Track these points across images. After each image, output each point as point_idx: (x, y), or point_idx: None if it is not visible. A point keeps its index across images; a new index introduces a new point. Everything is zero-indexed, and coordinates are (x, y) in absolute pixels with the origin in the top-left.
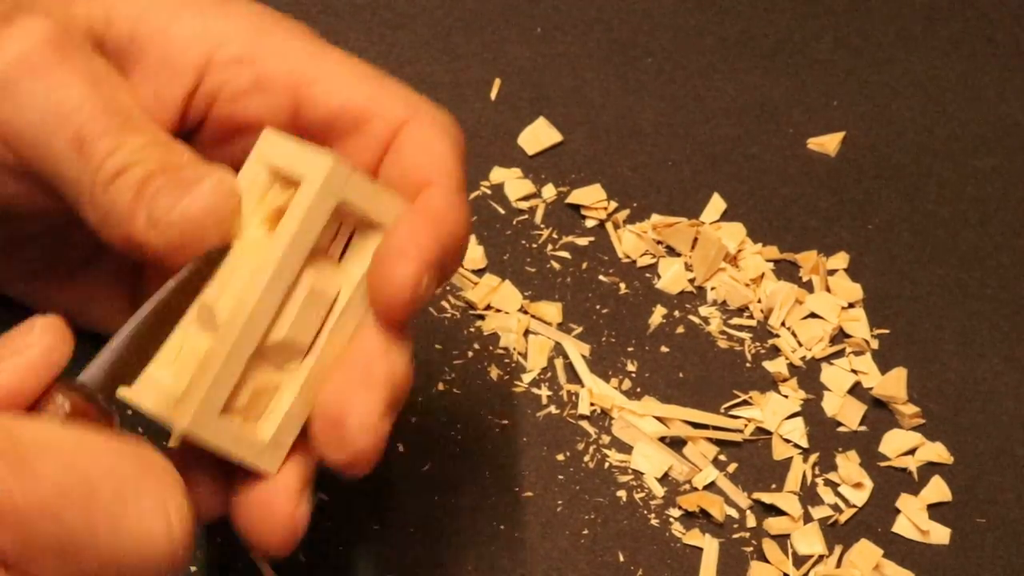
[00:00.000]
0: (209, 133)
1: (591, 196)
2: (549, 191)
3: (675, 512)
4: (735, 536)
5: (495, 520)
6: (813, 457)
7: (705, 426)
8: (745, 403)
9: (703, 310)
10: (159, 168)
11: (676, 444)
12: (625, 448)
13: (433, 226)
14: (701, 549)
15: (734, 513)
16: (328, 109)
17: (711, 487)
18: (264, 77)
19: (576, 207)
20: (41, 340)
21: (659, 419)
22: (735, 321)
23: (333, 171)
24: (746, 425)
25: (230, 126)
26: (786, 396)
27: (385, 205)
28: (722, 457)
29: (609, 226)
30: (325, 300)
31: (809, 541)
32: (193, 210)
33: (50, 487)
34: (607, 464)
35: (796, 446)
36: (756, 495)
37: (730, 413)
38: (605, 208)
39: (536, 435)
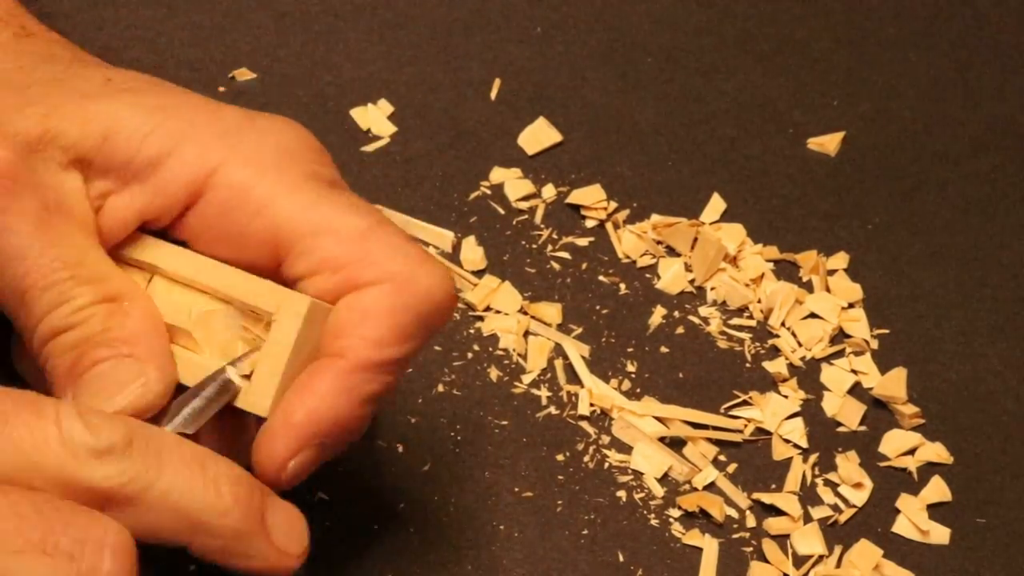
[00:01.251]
0: (177, 236)
1: (591, 196)
2: (549, 191)
3: (675, 512)
4: (735, 536)
5: (495, 520)
6: (813, 457)
7: (705, 426)
8: (745, 403)
9: (703, 310)
10: (94, 338)
11: (676, 444)
12: (625, 448)
13: (311, 406)
14: (701, 549)
15: (734, 513)
16: (304, 271)
17: (711, 487)
18: (245, 233)
19: (576, 207)
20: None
21: (659, 419)
22: (735, 321)
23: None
24: (746, 425)
25: (204, 249)
26: (786, 396)
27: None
28: (722, 457)
29: (609, 226)
30: None
31: (809, 541)
32: (114, 410)
33: None
34: (607, 464)
35: (796, 446)
36: (756, 495)
37: (730, 413)
38: (605, 208)
39: (536, 435)
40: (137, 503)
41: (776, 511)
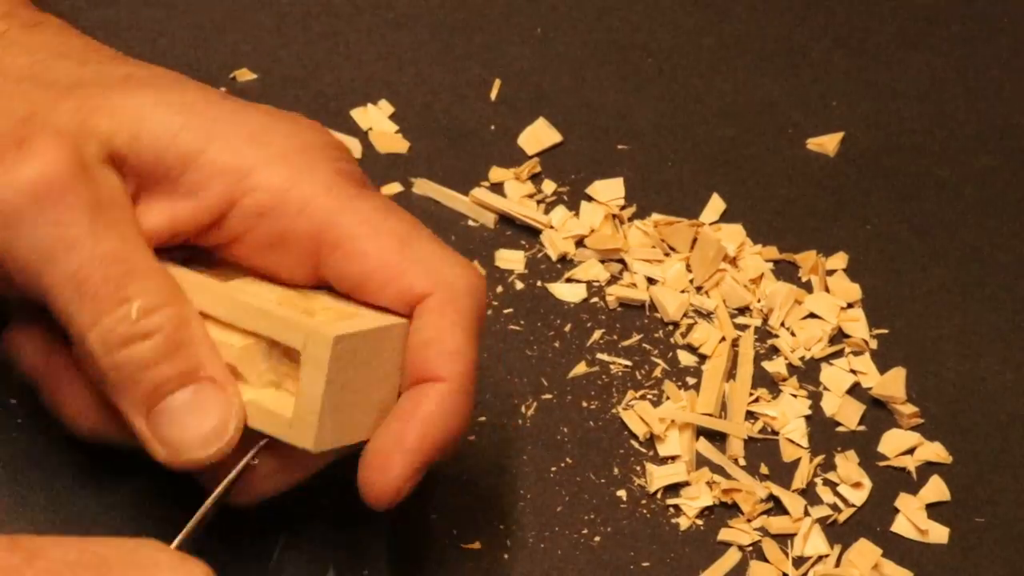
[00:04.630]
0: (214, 244)
1: (609, 192)
2: (549, 190)
3: (675, 512)
4: (735, 536)
5: (495, 520)
6: (817, 459)
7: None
8: (758, 400)
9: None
10: (166, 355)
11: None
12: (626, 448)
13: (422, 430)
14: (702, 549)
15: (735, 512)
16: (349, 274)
17: (712, 487)
18: (287, 235)
19: (589, 198)
20: None
21: (660, 419)
22: (735, 321)
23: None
24: (752, 424)
25: (243, 256)
26: (794, 395)
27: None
28: (723, 457)
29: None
30: None
31: (808, 541)
32: (199, 440)
33: (60, 563)
34: (607, 464)
35: (798, 446)
36: (766, 486)
37: (748, 410)
38: (619, 206)
39: (536, 435)
40: None
41: (776, 511)
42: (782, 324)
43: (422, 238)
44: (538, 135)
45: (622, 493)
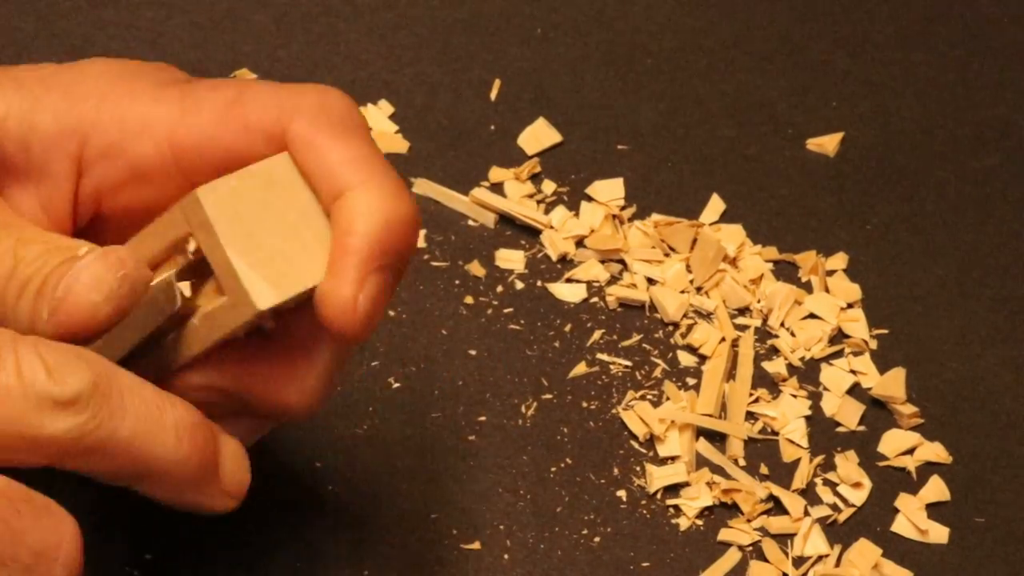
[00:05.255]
0: (114, 224)
1: (609, 192)
2: (549, 190)
3: (675, 512)
4: (735, 536)
5: (495, 519)
6: (817, 459)
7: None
8: (759, 400)
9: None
10: (57, 267)
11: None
12: (626, 448)
13: (359, 229)
14: (702, 549)
15: (735, 513)
16: (208, 156)
17: (712, 487)
18: (137, 164)
19: (589, 198)
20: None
21: (660, 420)
22: (735, 322)
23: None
24: (752, 425)
25: (130, 214)
26: (794, 396)
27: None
28: (723, 457)
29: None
30: None
31: (808, 541)
32: (79, 285)
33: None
34: (607, 464)
35: (798, 446)
36: (766, 486)
37: (749, 410)
38: (619, 206)
39: (536, 435)
40: (97, 452)
41: (776, 511)
42: (782, 324)
43: (258, 84)
44: (538, 135)
45: (622, 493)
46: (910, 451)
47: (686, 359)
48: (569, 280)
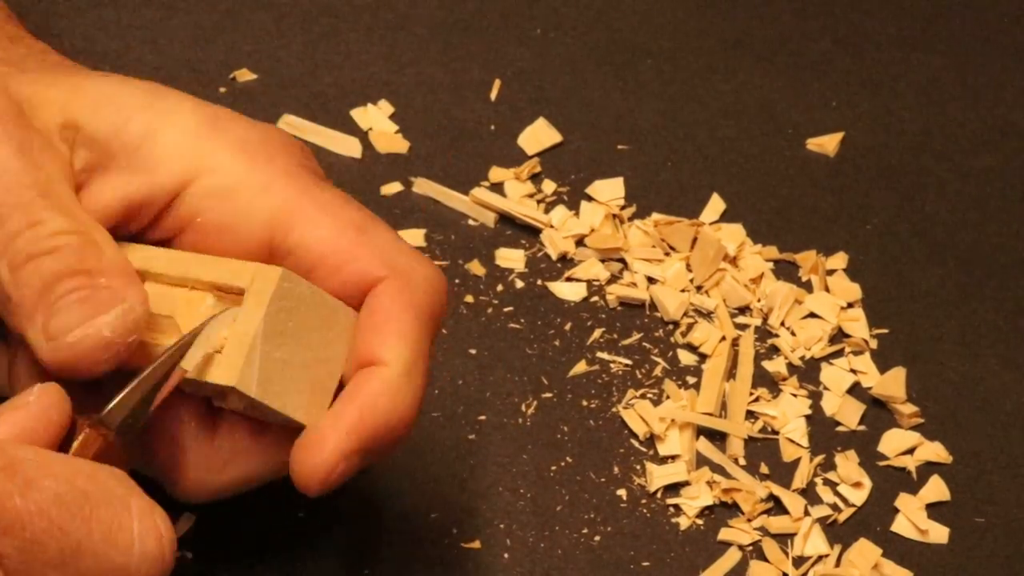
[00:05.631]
0: (165, 234)
1: (609, 192)
2: (549, 190)
3: (675, 511)
4: (735, 535)
5: (495, 518)
6: (817, 459)
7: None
8: (758, 400)
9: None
10: (71, 268)
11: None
12: (626, 448)
13: (360, 412)
14: (702, 548)
15: (735, 512)
16: (302, 258)
17: (713, 486)
18: (242, 217)
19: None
20: (39, 399)
21: (661, 418)
22: (735, 321)
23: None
24: (752, 424)
25: (193, 243)
26: (794, 395)
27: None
28: (723, 456)
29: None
30: None
31: (808, 541)
32: (90, 340)
33: (50, 496)
34: (608, 463)
35: (798, 446)
36: (766, 485)
37: (748, 409)
38: (619, 206)
39: (536, 434)
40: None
41: (776, 511)
42: (782, 324)
43: (379, 228)
44: (538, 135)
45: (622, 492)
46: (910, 451)
47: (686, 358)
48: (569, 279)
